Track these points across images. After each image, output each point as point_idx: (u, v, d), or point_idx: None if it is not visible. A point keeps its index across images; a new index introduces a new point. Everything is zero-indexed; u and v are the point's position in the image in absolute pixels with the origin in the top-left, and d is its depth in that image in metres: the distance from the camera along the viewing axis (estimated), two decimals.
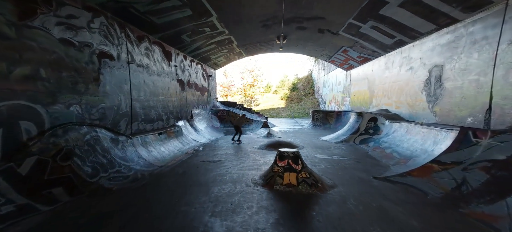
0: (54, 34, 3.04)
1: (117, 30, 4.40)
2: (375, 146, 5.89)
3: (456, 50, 4.36)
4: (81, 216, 2.41)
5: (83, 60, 3.54)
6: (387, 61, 7.31)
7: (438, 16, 4.42)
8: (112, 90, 4.24)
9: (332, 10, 5.98)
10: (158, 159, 4.75)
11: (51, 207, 2.49)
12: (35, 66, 2.80)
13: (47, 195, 2.56)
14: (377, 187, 3.31)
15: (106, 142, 3.80)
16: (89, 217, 2.42)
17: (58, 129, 3.05)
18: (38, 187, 2.55)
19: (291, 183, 3.32)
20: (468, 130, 3.16)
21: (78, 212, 2.50)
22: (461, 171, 2.88)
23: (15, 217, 2.18)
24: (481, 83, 3.75)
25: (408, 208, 2.63)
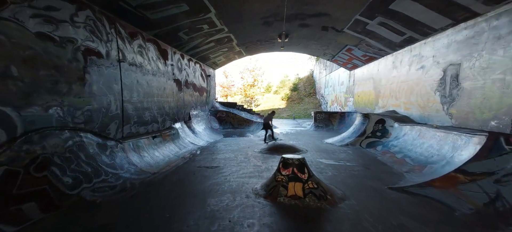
0: (28, 27, 2.68)
1: (106, 26, 4.04)
2: (383, 150, 5.52)
3: (476, 47, 3.98)
4: None
5: (65, 57, 3.19)
6: (395, 60, 6.94)
7: (456, 10, 4.05)
8: (100, 90, 3.88)
9: (338, 6, 5.62)
10: (151, 165, 4.38)
11: (18, 227, 2.12)
12: (4, 63, 2.44)
13: (15, 212, 2.20)
14: (394, 200, 2.94)
15: (92, 148, 3.44)
16: None
17: (33, 135, 2.69)
18: (5, 203, 2.19)
19: (297, 195, 2.95)
20: (499, 136, 2.79)
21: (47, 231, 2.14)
22: (493, 183, 2.51)
23: None
24: (508, 82, 3.38)
25: (434, 228, 2.26)
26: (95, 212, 2.60)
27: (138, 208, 2.78)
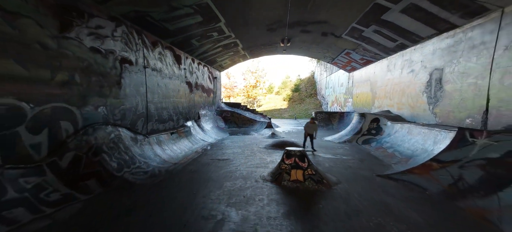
0: (85, 43, 3.38)
1: (135, 37, 4.75)
2: (377, 146, 6.09)
3: (455, 54, 4.56)
4: (112, 206, 2.73)
5: (108, 66, 3.89)
6: (389, 64, 7.50)
7: (438, 22, 4.64)
8: (131, 92, 4.58)
9: (336, 15, 6.23)
10: (172, 157, 5.07)
11: (88, 196, 2.81)
12: (71, 73, 3.14)
13: (84, 186, 2.89)
14: (379, 184, 3.55)
15: (127, 140, 4.13)
16: (120, 207, 2.73)
17: (89, 128, 3.39)
18: (76, 179, 2.88)
19: (298, 180, 3.58)
20: (465, 131, 3.38)
21: (109, 202, 2.82)
22: (458, 168, 3.10)
23: (61, 203, 2.50)
24: (479, 86, 3.95)
25: (408, 203, 2.86)
26: (136, 190, 3.28)
27: (168, 189, 3.45)
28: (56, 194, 2.53)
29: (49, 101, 2.84)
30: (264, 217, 2.56)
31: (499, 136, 2.96)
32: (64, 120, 3.04)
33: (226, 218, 2.54)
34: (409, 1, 4.36)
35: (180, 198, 3.07)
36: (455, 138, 3.47)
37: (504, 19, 3.51)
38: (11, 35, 2.41)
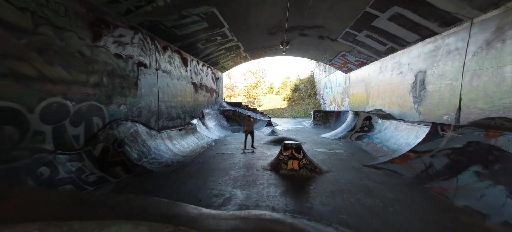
0: (111, 50, 3.94)
1: (149, 43, 5.30)
2: (368, 141, 6.63)
3: (435, 58, 5.09)
4: (139, 187, 3.28)
5: (127, 69, 4.44)
6: (381, 66, 8.03)
7: (421, 29, 5.16)
8: (146, 92, 5.14)
9: (331, 21, 6.76)
10: (181, 150, 5.62)
11: (117, 179, 3.37)
12: (100, 76, 3.70)
13: (113, 171, 3.45)
14: (365, 172, 4.09)
15: (143, 135, 4.69)
16: (145, 187, 3.28)
17: (113, 124, 3.94)
18: (106, 165, 3.44)
19: (294, 168, 4.12)
20: (437, 125, 3.91)
21: (135, 184, 3.37)
22: (429, 157, 3.63)
23: (97, 184, 3.06)
24: (454, 87, 4.48)
25: (385, 185, 3.40)
26: (155, 176, 3.83)
27: (181, 176, 3.99)
28: (93, 176, 3.09)
29: (85, 100, 3.39)
30: (264, 196, 3.10)
31: (462, 129, 3.49)
32: (96, 116, 3.60)
33: (233, 196, 3.08)
34: (395, 10, 4.89)
35: (193, 182, 3.62)
36: (429, 132, 4.01)
37: (473, 29, 4.04)
38: (59, 46, 2.97)
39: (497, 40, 3.58)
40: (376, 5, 4.93)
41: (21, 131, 2.50)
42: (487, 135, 3.12)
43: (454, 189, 2.90)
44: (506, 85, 3.43)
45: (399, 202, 2.80)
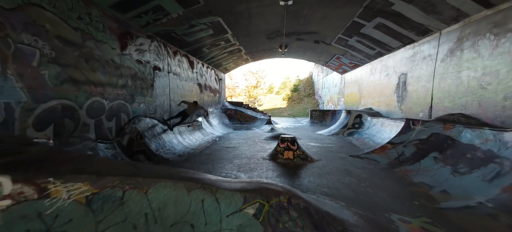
0: (133, 57, 4.66)
1: (162, 49, 6.02)
2: (358, 137, 7.33)
3: (414, 62, 5.79)
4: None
5: (146, 73, 5.16)
6: (372, 68, 8.72)
7: (402, 37, 5.86)
8: (160, 93, 5.86)
9: (324, 27, 7.46)
10: (190, 144, 6.34)
11: (166, 164, 4.10)
12: (126, 79, 4.41)
13: (137, 158, 4.17)
14: (349, 161, 4.80)
15: (159, 129, 5.41)
16: None
17: (135, 119, 4.66)
18: (132, 154, 4.16)
19: (289, 158, 4.83)
20: (409, 121, 4.61)
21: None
22: (402, 147, 4.33)
23: None
24: (427, 88, 5.18)
25: (363, 169, 4.11)
26: (171, 164, 4.54)
27: (193, 163, 4.71)
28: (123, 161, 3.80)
29: (116, 99, 4.11)
30: (264, 177, 3.81)
31: (427, 123, 4.19)
32: (123, 112, 4.32)
33: (238, 177, 3.80)
34: (378, 20, 5.59)
35: (204, 168, 4.34)
36: (403, 126, 4.72)
37: (441, 39, 4.74)
38: (99, 56, 3.68)
39: (457, 49, 4.28)
40: (362, 15, 5.63)
41: (75, 123, 3.21)
42: (444, 127, 3.82)
43: (416, 171, 3.61)
44: (463, 87, 4.12)
45: (370, 180, 3.51)
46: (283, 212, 2.00)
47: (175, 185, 2.03)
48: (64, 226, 1.63)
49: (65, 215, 1.65)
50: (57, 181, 1.72)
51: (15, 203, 1.54)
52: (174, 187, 2.02)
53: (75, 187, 1.75)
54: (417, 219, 2.29)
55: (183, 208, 1.94)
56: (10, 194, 1.55)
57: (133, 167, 2.36)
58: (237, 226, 1.90)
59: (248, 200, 1.99)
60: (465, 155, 3.20)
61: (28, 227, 1.53)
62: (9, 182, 1.58)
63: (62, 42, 3.02)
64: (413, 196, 2.86)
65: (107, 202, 1.80)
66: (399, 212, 2.46)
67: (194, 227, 1.87)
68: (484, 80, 3.69)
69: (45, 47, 2.78)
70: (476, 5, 3.62)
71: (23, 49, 2.55)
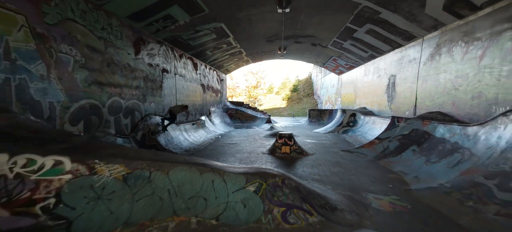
0: (145, 60, 5.16)
1: (170, 52, 6.52)
2: (351, 134, 7.82)
3: (402, 65, 6.27)
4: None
5: (155, 75, 5.66)
6: (366, 69, 9.21)
7: (391, 41, 6.35)
8: (167, 93, 6.36)
9: (320, 31, 7.95)
10: (195, 141, 6.84)
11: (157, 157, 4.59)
12: (139, 80, 4.92)
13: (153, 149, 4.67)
14: (340, 155, 5.29)
15: (171, 127, 5.90)
16: None
17: (147, 117, 5.16)
18: (145, 147, 4.66)
19: (286, 152, 5.33)
20: (394, 118, 5.10)
21: None
22: (388, 142, 4.83)
23: None
24: (412, 88, 5.67)
25: (351, 162, 4.60)
26: None
27: (200, 156, 5.21)
28: None
29: (131, 99, 4.61)
30: None
31: (409, 120, 4.69)
32: (136, 110, 4.82)
33: None
34: (368, 27, 6.08)
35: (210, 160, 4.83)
36: (389, 124, 5.21)
37: (424, 44, 5.23)
38: (118, 61, 4.18)
39: (437, 54, 4.76)
40: (353, 22, 6.12)
41: (99, 119, 3.71)
42: (423, 124, 4.32)
43: (397, 162, 4.10)
44: (441, 88, 4.61)
45: (356, 170, 4.01)
46: (278, 189, 2.50)
47: (190, 169, 2.54)
48: (109, 195, 2.13)
49: (109, 187, 2.16)
50: (101, 163, 2.23)
51: (74, 177, 2.05)
52: (189, 170, 2.53)
53: (114, 167, 2.26)
54: (388, 197, 2.79)
55: (197, 186, 2.45)
56: (70, 171, 2.06)
57: (155, 154, 2.86)
58: (241, 199, 2.40)
59: (250, 180, 2.50)
60: (437, 147, 3.69)
61: (85, 195, 2.04)
62: (68, 161, 2.08)
63: (90, 49, 3.52)
64: (390, 181, 3.35)
65: (138, 180, 2.31)
66: (374, 192, 2.95)
67: (206, 200, 2.37)
68: (456, 82, 4.18)
69: (77, 55, 3.28)
70: (450, 16, 4.10)
71: (62, 57, 3.04)
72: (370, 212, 2.44)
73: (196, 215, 2.25)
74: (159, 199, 2.29)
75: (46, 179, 1.92)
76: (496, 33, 3.36)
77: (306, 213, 2.30)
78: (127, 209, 2.14)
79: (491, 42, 3.45)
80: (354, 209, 2.47)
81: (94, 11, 3.56)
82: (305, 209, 2.34)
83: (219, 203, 2.35)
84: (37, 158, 1.92)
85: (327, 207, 2.48)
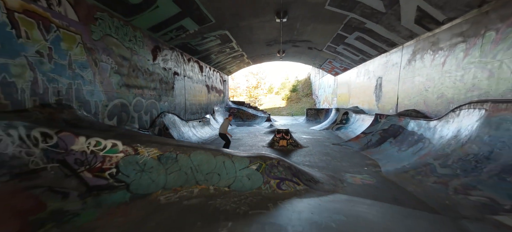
0: (161, 65, 5.93)
1: (180, 57, 7.30)
2: (344, 131, 8.58)
3: (387, 68, 7.02)
4: None
5: (168, 77, 6.44)
6: (358, 71, 9.96)
7: (377, 47, 7.10)
8: (178, 93, 7.13)
9: (315, 36, 8.71)
10: (202, 136, 7.62)
11: None
12: (156, 83, 5.69)
13: None
14: (331, 147, 6.05)
15: (178, 123, 6.68)
16: None
17: (162, 114, 5.94)
18: None
19: (283, 145, 6.10)
20: (377, 115, 5.86)
21: None
22: (371, 135, 5.58)
23: None
24: (395, 89, 6.42)
25: (339, 152, 5.36)
26: None
27: None
28: None
29: (150, 98, 5.39)
30: None
31: (389, 117, 5.44)
32: (154, 109, 5.60)
33: None
34: (357, 34, 6.83)
35: None
36: (373, 120, 5.97)
37: (403, 51, 5.97)
38: (140, 66, 4.96)
39: (413, 59, 5.51)
40: (344, 30, 6.87)
41: (127, 115, 4.48)
42: (399, 119, 5.07)
43: (376, 151, 4.86)
44: (415, 89, 5.36)
45: (341, 158, 4.77)
46: (274, 168, 3.27)
47: (206, 152, 3.31)
48: (150, 169, 2.91)
49: (148, 164, 2.94)
50: (141, 146, 3.00)
51: (125, 155, 2.82)
52: (206, 153, 3.30)
53: (150, 150, 3.04)
54: (361, 176, 3.55)
55: (212, 165, 3.22)
56: (122, 151, 2.83)
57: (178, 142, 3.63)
58: (246, 174, 3.17)
59: (252, 162, 3.27)
60: (408, 138, 4.44)
61: (133, 168, 2.81)
62: (121, 144, 2.85)
63: (121, 58, 4.29)
64: (366, 165, 4.11)
65: (169, 159, 3.08)
66: (351, 173, 3.71)
67: (220, 175, 3.15)
68: (427, 84, 4.92)
69: (112, 63, 4.06)
70: (421, 28, 4.85)
71: (102, 65, 3.82)
72: (344, 185, 3.20)
73: (213, 185, 3.02)
74: (184, 173, 3.07)
75: (108, 155, 2.69)
76: (453, 44, 4.10)
77: (295, 184, 3.06)
78: (163, 179, 2.92)
79: (450, 51, 4.19)
80: (332, 183, 3.23)
81: (124, 26, 4.34)
82: (294, 181, 3.11)
83: (230, 177, 3.12)
84: (101, 141, 2.69)
85: (311, 180, 3.25)
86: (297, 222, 2.05)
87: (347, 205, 2.49)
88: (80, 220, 1.93)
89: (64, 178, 2.22)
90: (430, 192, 2.71)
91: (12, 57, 2.44)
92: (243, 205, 2.52)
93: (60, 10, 2.98)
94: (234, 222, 2.11)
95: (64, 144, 2.37)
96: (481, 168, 2.54)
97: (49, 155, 2.23)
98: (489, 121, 2.78)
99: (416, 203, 2.53)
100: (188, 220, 2.17)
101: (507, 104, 2.67)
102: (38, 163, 2.10)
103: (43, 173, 2.08)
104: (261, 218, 2.19)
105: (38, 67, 2.74)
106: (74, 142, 2.46)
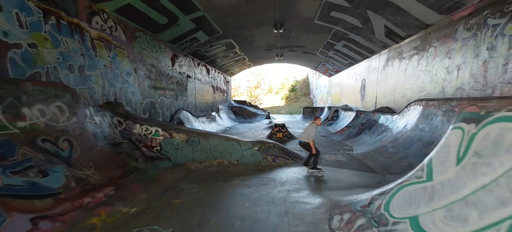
0: (177, 70, 7.10)
1: (191, 62, 8.47)
2: (334, 126, 9.73)
3: (369, 71, 8.17)
4: None
5: (183, 80, 7.61)
6: (348, 73, 11.10)
7: (361, 54, 8.25)
8: (190, 93, 8.31)
9: (309, 43, 9.85)
10: (210, 130, 8.80)
11: None
12: (174, 85, 6.86)
13: None
14: (319, 139, 7.21)
15: (191, 118, 7.86)
16: None
17: (178, 111, 7.12)
18: None
19: (280, 137, 7.26)
20: (358, 112, 7.02)
21: None
22: (352, 128, 6.74)
23: None
24: (374, 90, 7.57)
25: (325, 143, 6.51)
26: None
27: None
28: None
29: (169, 98, 6.56)
30: None
31: (366, 113, 6.60)
32: (172, 106, 6.77)
33: None
34: (343, 42, 7.97)
35: None
36: (355, 116, 7.13)
37: (380, 57, 7.11)
38: (162, 71, 6.12)
39: (387, 65, 6.65)
40: (332, 39, 8.01)
41: (154, 111, 5.65)
42: (373, 114, 6.22)
43: (354, 141, 6.01)
44: (388, 90, 6.50)
45: (325, 145, 5.93)
46: (270, 149, 4.44)
47: (219, 138, 4.49)
48: (181, 149, 4.09)
49: (180, 145, 4.12)
50: (174, 132, 4.17)
51: (164, 138, 3.99)
52: (219, 138, 4.47)
53: (180, 135, 4.21)
54: (335, 155, 4.71)
55: (224, 147, 4.39)
56: (162, 135, 3.99)
57: (198, 130, 4.80)
58: (250, 153, 4.34)
59: (254, 145, 4.44)
60: (378, 129, 5.59)
61: (171, 147, 3.98)
62: (161, 130, 4.03)
63: (150, 66, 5.46)
64: (343, 150, 5.27)
65: (193, 142, 4.26)
66: (330, 154, 4.87)
67: (231, 154, 4.32)
68: (395, 86, 6.07)
69: (145, 70, 5.22)
70: (390, 40, 5.98)
71: (139, 72, 4.98)
72: (322, 160, 4.37)
73: (226, 159, 4.19)
74: (205, 152, 4.25)
75: (154, 138, 3.86)
76: (411, 55, 5.25)
77: (285, 159, 4.23)
78: (191, 155, 4.10)
79: (409, 60, 5.34)
80: None
81: (153, 41, 5.50)
82: (285, 157, 4.28)
83: (238, 155, 4.30)
84: (149, 127, 3.86)
85: (297, 157, 4.42)
86: (284, 176, 3.21)
87: None
88: (147, 174, 3.10)
89: (133, 149, 3.39)
90: (379, 163, 3.88)
91: (93, 70, 3.61)
92: (249, 170, 3.69)
93: (116, 33, 4.14)
94: (244, 177, 3.27)
95: (129, 128, 3.54)
96: (412, 146, 3.70)
97: (123, 134, 3.39)
98: (423, 114, 3.93)
99: (367, 169, 3.68)
100: (212, 177, 3.34)
101: (433, 101, 3.82)
102: (119, 139, 3.27)
103: (122, 145, 3.25)
104: (261, 175, 3.36)
105: (105, 76, 3.91)
106: (134, 127, 3.63)
